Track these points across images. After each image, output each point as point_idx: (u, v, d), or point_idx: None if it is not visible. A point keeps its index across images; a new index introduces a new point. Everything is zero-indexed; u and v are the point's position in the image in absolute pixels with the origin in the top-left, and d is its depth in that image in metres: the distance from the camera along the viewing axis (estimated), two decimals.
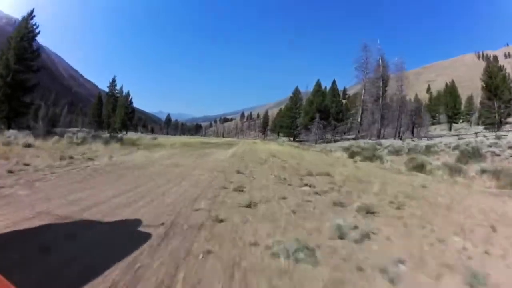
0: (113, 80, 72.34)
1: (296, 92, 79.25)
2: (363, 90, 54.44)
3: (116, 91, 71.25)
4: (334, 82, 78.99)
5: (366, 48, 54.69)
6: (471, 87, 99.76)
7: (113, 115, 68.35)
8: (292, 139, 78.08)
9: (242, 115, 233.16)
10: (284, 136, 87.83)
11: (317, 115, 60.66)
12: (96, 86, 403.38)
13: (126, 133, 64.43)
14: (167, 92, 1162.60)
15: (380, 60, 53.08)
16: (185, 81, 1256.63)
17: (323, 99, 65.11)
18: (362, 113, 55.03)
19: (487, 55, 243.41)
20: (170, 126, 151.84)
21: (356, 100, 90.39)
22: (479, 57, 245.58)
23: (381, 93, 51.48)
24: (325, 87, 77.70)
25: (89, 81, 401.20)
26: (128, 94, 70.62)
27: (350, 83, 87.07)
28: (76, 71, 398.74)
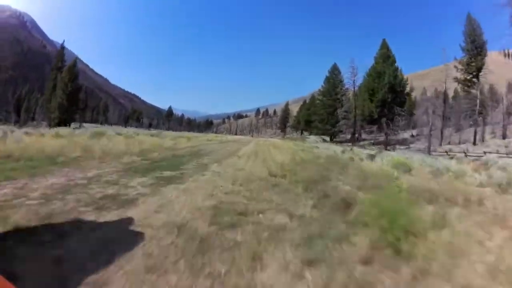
0: (62, 47, 47.83)
1: (335, 70, 52.64)
2: None
3: (65, 64, 46.53)
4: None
5: None
6: None
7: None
8: (328, 138, 51.69)
9: (258, 111, 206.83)
10: (314, 135, 61.46)
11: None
12: (107, 80, 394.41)
13: (68, 126, 39.89)
14: (181, 90, 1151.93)
15: None
16: (200, 79, 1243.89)
17: (395, 72, 37.63)
18: None
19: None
20: (172, 120, 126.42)
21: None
22: (505, 55, 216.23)
23: None
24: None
25: (100, 75, 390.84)
26: (73, 65, 45.21)
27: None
28: (87, 65, 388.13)
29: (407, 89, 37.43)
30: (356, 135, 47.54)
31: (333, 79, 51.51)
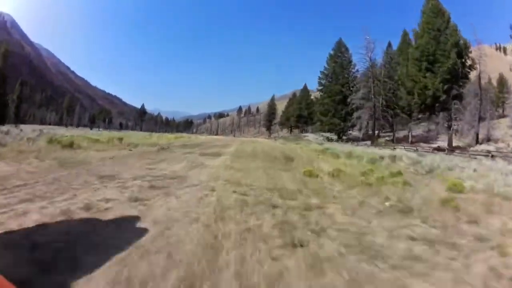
0: None
1: (341, 47, 38.99)
2: None
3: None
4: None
5: None
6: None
7: None
8: (336, 137, 37.97)
9: (240, 109, 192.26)
10: (313, 132, 47.76)
11: None
12: (88, 82, 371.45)
13: None
14: (165, 92, 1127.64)
15: None
16: (184, 81, 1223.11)
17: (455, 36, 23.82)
18: None
19: (504, 47, 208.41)
20: (146, 120, 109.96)
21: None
22: (496, 49, 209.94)
23: None
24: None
25: (81, 78, 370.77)
26: None
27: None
28: (67, 67, 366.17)
29: (469, 60, 24.09)
30: (377, 131, 33.94)
31: (340, 58, 37.80)
